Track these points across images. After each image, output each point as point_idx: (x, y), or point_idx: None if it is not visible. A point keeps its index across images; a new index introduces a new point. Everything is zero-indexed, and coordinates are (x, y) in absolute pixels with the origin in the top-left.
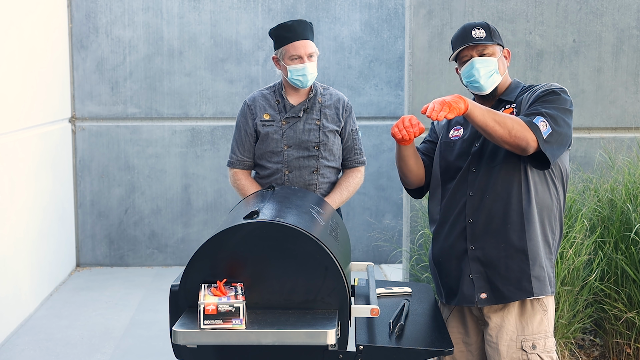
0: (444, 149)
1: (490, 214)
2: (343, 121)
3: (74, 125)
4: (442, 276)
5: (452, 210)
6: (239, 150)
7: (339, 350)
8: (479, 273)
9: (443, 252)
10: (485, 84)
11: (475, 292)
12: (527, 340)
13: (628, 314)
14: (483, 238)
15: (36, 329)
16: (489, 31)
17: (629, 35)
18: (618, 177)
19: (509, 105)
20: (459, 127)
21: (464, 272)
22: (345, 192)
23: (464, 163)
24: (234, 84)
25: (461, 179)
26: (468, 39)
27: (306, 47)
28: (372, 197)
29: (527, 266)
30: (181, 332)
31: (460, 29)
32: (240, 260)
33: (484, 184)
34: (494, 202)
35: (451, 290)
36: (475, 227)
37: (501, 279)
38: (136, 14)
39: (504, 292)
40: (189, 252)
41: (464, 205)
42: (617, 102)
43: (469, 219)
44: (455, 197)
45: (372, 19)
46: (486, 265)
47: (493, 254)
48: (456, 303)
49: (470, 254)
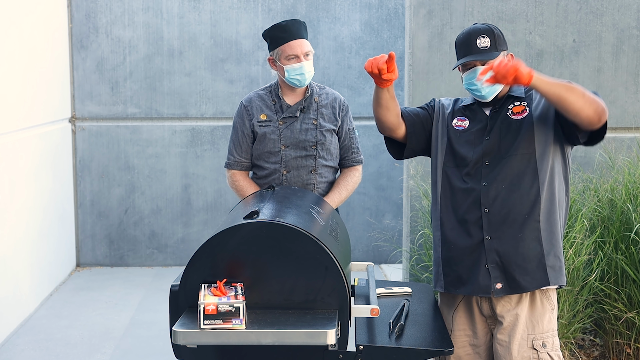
0: (451, 134)
1: (507, 204)
2: (340, 120)
3: (74, 125)
4: (451, 264)
5: (464, 199)
6: (236, 151)
7: (339, 350)
8: (495, 263)
9: (455, 240)
10: (487, 93)
11: (492, 282)
12: (537, 339)
13: (628, 314)
14: (500, 228)
15: (36, 329)
16: (493, 39)
17: (629, 35)
18: (618, 177)
19: (520, 103)
20: (464, 119)
21: (480, 261)
22: (344, 192)
23: (470, 153)
24: (234, 84)
25: (473, 170)
26: (472, 50)
27: (302, 46)
28: (372, 197)
29: (543, 256)
30: (181, 332)
31: (465, 35)
32: (240, 260)
33: (499, 175)
34: (510, 193)
35: (459, 279)
36: (492, 217)
37: (518, 268)
38: (136, 14)
39: (520, 282)
40: (189, 252)
41: (479, 195)
42: (617, 102)
43: (485, 208)
44: (467, 186)
45: (372, 19)
46: (502, 255)
47: (510, 244)
48: (468, 292)
49: (486, 244)
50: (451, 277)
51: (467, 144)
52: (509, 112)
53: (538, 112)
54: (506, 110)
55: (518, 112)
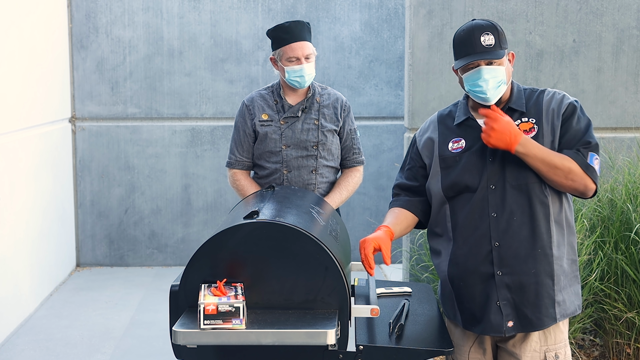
0: (444, 165)
1: (519, 237)
2: (341, 121)
3: (74, 125)
4: (463, 300)
5: (473, 231)
6: (237, 150)
7: (339, 350)
8: (507, 300)
9: (465, 276)
10: (492, 95)
11: (504, 320)
12: (550, 350)
13: (628, 314)
14: (512, 263)
15: (36, 329)
16: (497, 36)
17: (629, 35)
18: (618, 177)
19: (527, 119)
20: (459, 139)
21: (491, 298)
22: (345, 192)
23: (475, 178)
24: (234, 84)
25: (480, 196)
26: (477, 48)
27: (303, 49)
28: (372, 197)
29: (553, 291)
30: (181, 332)
31: (466, 31)
32: (240, 260)
33: (509, 205)
34: (522, 225)
35: (474, 317)
36: (503, 251)
37: (530, 305)
38: (136, 14)
39: (532, 320)
40: (189, 252)
41: (488, 227)
42: (617, 102)
43: (495, 242)
44: (474, 216)
45: (372, 19)
46: (515, 291)
47: (523, 280)
48: (480, 332)
49: (497, 280)
50: (466, 315)
51: (469, 169)
52: None
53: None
54: None
55: (526, 131)
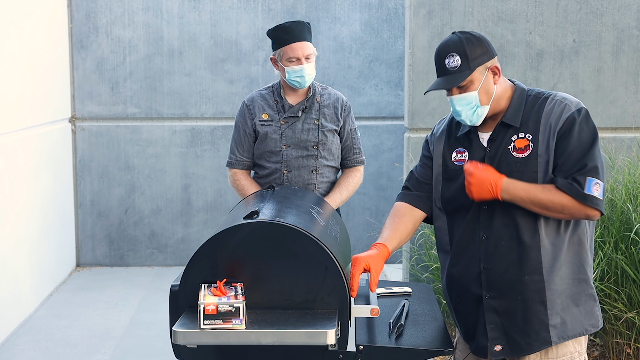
0: (447, 177)
1: (507, 262)
2: (342, 120)
3: (74, 125)
4: (460, 316)
5: (465, 251)
6: (238, 150)
7: (339, 350)
8: (494, 324)
9: (461, 293)
10: (473, 120)
11: (489, 344)
12: None
13: (628, 314)
14: (498, 287)
15: (36, 329)
16: (464, 56)
17: (629, 35)
18: (618, 177)
19: (524, 135)
20: (463, 150)
21: (480, 320)
22: (345, 192)
23: (470, 197)
24: (234, 84)
25: (473, 217)
26: (441, 72)
27: (304, 49)
28: (372, 197)
29: (546, 316)
30: (181, 332)
31: (436, 52)
32: (240, 260)
33: (497, 229)
34: (509, 250)
35: (468, 333)
36: (490, 274)
37: (519, 330)
38: (136, 14)
39: (522, 345)
40: (189, 252)
41: (478, 249)
42: (617, 102)
43: (483, 264)
44: (466, 236)
45: (372, 19)
46: (503, 315)
47: (510, 305)
48: (472, 350)
49: (485, 303)
50: (462, 329)
51: (463, 185)
52: (510, 145)
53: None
54: (508, 142)
55: (520, 149)
